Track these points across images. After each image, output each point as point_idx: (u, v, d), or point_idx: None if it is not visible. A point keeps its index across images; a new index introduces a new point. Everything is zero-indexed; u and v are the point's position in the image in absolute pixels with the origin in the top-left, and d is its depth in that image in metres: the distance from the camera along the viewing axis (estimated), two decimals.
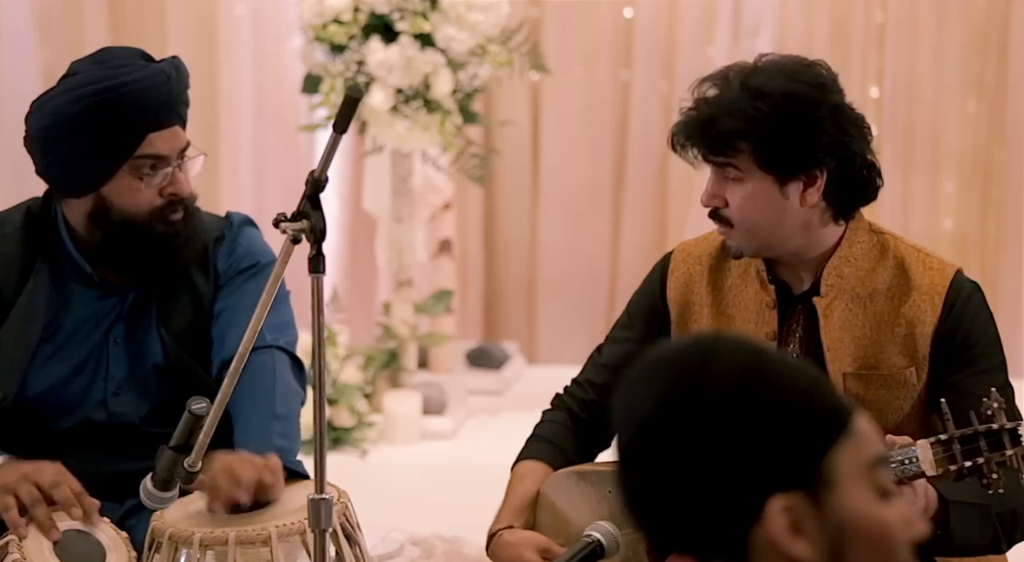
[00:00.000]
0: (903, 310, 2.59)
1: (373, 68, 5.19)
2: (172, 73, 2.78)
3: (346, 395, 5.37)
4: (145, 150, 2.75)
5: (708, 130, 2.52)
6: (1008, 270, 6.24)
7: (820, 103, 2.52)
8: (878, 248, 2.64)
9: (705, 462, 1.42)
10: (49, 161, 2.80)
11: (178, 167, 2.79)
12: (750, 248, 2.60)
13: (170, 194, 2.78)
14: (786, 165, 2.52)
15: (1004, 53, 6.17)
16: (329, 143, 2.29)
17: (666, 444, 1.44)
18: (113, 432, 2.83)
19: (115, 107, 2.72)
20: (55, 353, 2.83)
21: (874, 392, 2.59)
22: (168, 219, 2.79)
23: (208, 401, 2.42)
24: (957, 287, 2.62)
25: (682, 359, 1.48)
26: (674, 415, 1.44)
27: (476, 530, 2.74)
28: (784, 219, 2.56)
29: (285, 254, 2.33)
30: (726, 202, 2.56)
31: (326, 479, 2.30)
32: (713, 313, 2.68)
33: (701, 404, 1.43)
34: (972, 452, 2.34)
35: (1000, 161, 6.23)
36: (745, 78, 2.53)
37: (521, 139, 6.39)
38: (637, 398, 1.47)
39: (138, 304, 2.86)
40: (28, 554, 2.52)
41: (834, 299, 2.60)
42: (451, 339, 5.91)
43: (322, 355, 2.27)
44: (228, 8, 6.19)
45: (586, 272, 6.44)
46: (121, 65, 2.77)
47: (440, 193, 5.79)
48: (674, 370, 1.47)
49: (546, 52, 5.83)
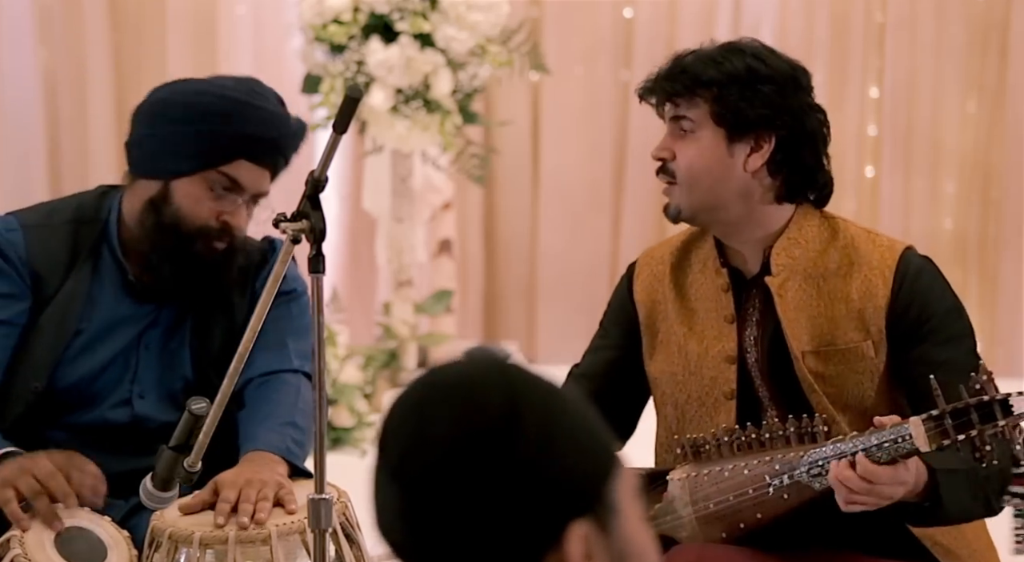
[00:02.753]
0: (854, 285, 2.61)
1: (373, 68, 5.19)
2: (296, 125, 2.84)
3: (346, 395, 5.37)
4: (230, 170, 2.78)
5: (677, 73, 2.62)
6: (1008, 270, 6.25)
7: (786, 74, 2.62)
8: (829, 231, 2.66)
9: (512, 487, 1.43)
10: (146, 133, 2.82)
11: (246, 203, 2.81)
12: (688, 206, 2.65)
13: (224, 221, 2.80)
14: (739, 121, 2.58)
15: (1004, 53, 6.17)
16: (329, 143, 2.29)
17: (470, 470, 1.43)
18: (131, 434, 2.84)
19: (232, 119, 2.77)
20: (86, 348, 2.84)
21: (833, 368, 2.60)
22: (211, 243, 2.80)
23: (208, 401, 2.42)
24: (906, 262, 2.62)
25: (484, 385, 1.47)
26: (480, 442, 1.43)
27: None
28: (725, 179, 2.60)
29: (285, 254, 2.34)
30: (674, 156, 2.63)
31: (326, 479, 2.31)
32: (678, 308, 2.71)
33: (510, 432, 1.44)
34: (964, 425, 2.35)
35: (1000, 161, 6.24)
36: (721, 45, 2.64)
37: (521, 139, 6.39)
38: (433, 422, 1.45)
39: (176, 315, 2.87)
40: (29, 550, 2.53)
41: (787, 279, 2.63)
42: (451, 339, 5.91)
43: (322, 355, 2.27)
44: (228, 8, 6.20)
45: (586, 272, 6.44)
46: (260, 93, 2.82)
47: (440, 193, 5.80)
48: (477, 395, 1.46)
49: (546, 52, 5.83)
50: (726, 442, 2.57)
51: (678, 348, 2.70)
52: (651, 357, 2.73)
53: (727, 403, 2.64)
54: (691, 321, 2.70)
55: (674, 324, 2.71)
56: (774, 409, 2.62)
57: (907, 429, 2.38)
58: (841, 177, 2.54)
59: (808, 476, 2.49)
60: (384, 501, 1.49)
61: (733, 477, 2.55)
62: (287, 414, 2.79)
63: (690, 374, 2.67)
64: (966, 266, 6.33)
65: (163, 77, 3.49)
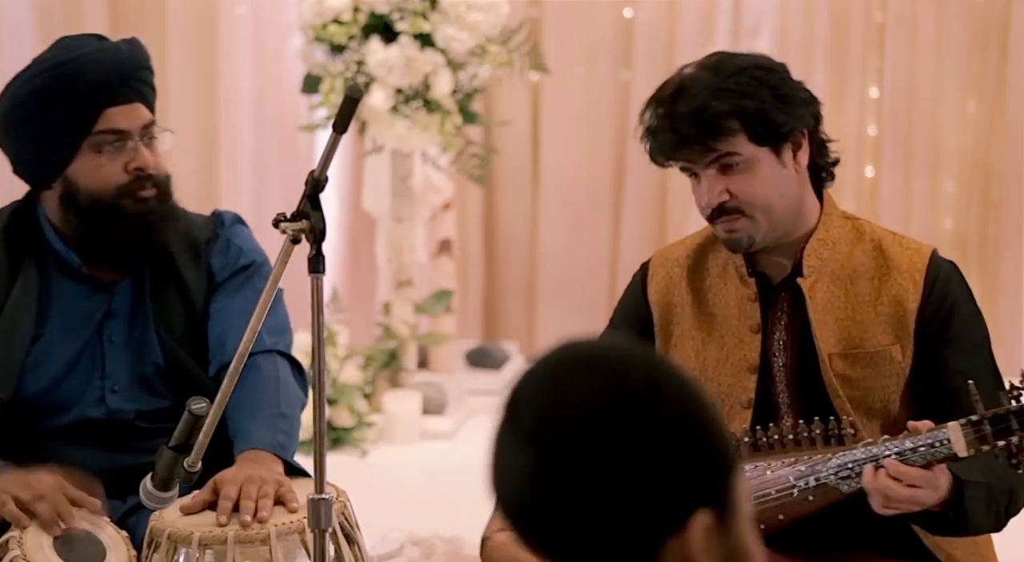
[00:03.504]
0: (885, 289, 2.61)
1: (373, 68, 5.19)
2: (126, 49, 2.79)
3: (346, 395, 5.37)
4: (104, 125, 2.75)
5: (689, 126, 2.53)
6: (1008, 270, 6.24)
7: (775, 67, 2.60)
8: (854, 232, 2.67)
9: (648, 460, 1.43)
10: (18, 148, 2.81)
11: (143, 143, 2.78)
12: (763, 234, 2.59)
13: (135, 169, 2.77)
14: (775, 131, 2.56)
15: (1004, 53, 6.17)
16: (329, 143, 2.29)
17: (610, 437, 1.43)
18: (111, 429, 2.83)
19: (68, 82, 2.74)
20: (48, 351, 2.83)
21: (860, 371, 2.60)
22: (137, 195, 2.79)
23: (208, 401, 2.42)
24: (936, 266, 2.64)
25: (627, 358, 1.48)
26: (623, 410, 1.44)
27: (476, 530, 2.74)
28: (787, 189, 2.59)
29: (285, 254, 2.33)
30: (730, 194, 2.57)
31: (326, 479, 2.30)
32: (695, 312, 2.69)
33: (651, 405, 1.44)
34: (1004, 432, 2.36)
35: (1000, 161, 6.23)
36: (695, 71, 2.57)
37: (521, 139, 6.39)
38: (575, 387, 1.45)
39: (135, 303, 2.86)
40: (28, 552, 2.53)
41: (816, 280, 2.62)
42: (451, 339, 5.91)
43: (322, 355, 2.27)
44: (228, 8, 6.20)
45: (586, 272, 6.44)
46: (72, 45, 2.79)
47: (440, 193, 5.80)
48: (620, 366, 1.47)
49: (546, 52, 5.83)
50: (746, 443, 2.55)
51: (695, 354, 2.68)
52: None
53: (743, 412, 2.63)
54: (709, 327, 2.68)
55: (690, 329, 2.69)
56: (791, 416, 2.60)
57: (946, 433, 2.37)
58: (841, 177, 2.54)
59: (836, 478, 2.47)
60: (512, 466, 1.47)
61: (754, 479, 2.53)
62: (273, 404, 2.78)
63: (706, 379, 2.65)
64: (966, 266, 6.30)
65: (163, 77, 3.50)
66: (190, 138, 6.05)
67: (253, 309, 2.36)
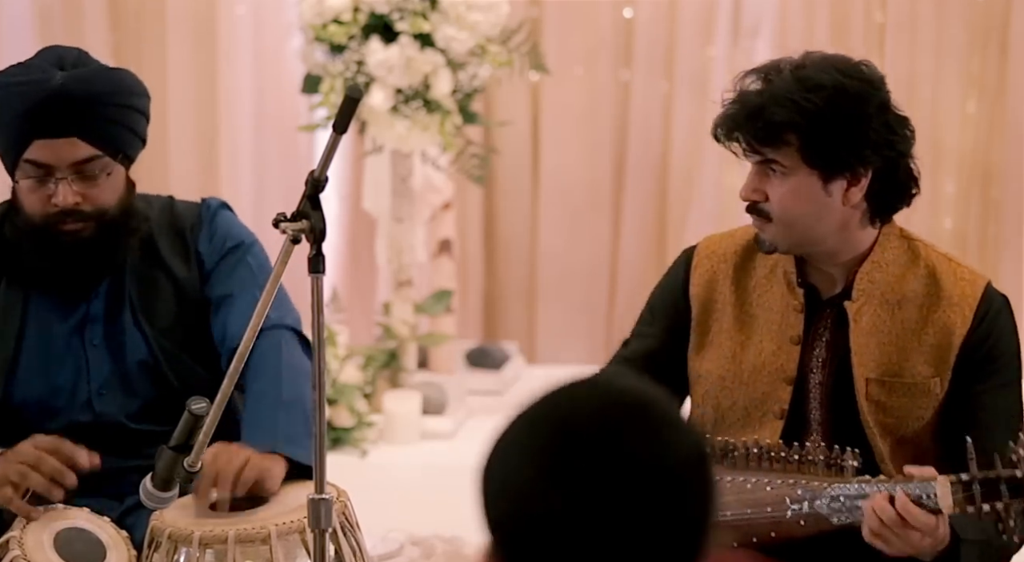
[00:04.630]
0: (933, 319, 2.57)
1: (373, 68, 5.19)
2: (74, 86, 2.71)
3: (346, 395, 5.37)
4: (29, 155, 2.73)
5: (757, 120, 2.48)
6: (1008, 270, 6.24)
7: (870, 99, 2.51)
8: (909, 254, 2.62)
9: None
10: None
11: (72, 179, 2.73)
12: (785, 244, 2.57)
13: (54, 203, 2.73)
14: (832, 161, 2.49)
15: (1004, 53, 6.17)
16: (329, 143, 2.29)
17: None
18: (102, 432, 2.83)
19: (5, 105, 2.73)
20: (32, 363, 2.83)
21: (896, 400, 2.57)
22: (63, 227, 2.75)
23: (208, 401, 2.42)
24: (988, 299, 2.60)
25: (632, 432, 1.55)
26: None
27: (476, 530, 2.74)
28: (824, 217, 2.53)
29: (285, 254, 2.33)
30: (766, 196, 2.54)
31: (326, 479, 2.31)
32: (736, 313, 2.65)
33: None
34: (992, 495, 2.33)
35: (1000, 161, 6.23)
36: (795, 69, 2.50)
37: (521, 139, 6.39)
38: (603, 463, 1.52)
39: (113, 303, 2.85)
40: (28, 551, 2.53)
41: (864, 303, 2.58)
42: (451, 339, 5.91)
43: (322, 355, 2.27)
44: (228, 8, 6.19)
45: (586, 272, 6.44)
46: (28, 65, 2.76)
47: (440, 193, 5.79)
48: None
49: (546, 52, 5.83)
50: (755, 454, 2.52)
51: (732, 355, 2.64)
52: (698, 353, 2.68)
53: (775, 422, 2.60)
54: (749, 330, 2.64)
55: (729, 328, 2.66)
56: (820, 434, 2.57)
57: (933, 487, 2.36)
58: None
59: (828, 509, 2.46)
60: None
61: (754, 492, 2.51)
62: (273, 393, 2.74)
63: (740, 383, 2.63)
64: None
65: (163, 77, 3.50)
66: (190, 138, 6.05)
67: (251, 284, 2.36)
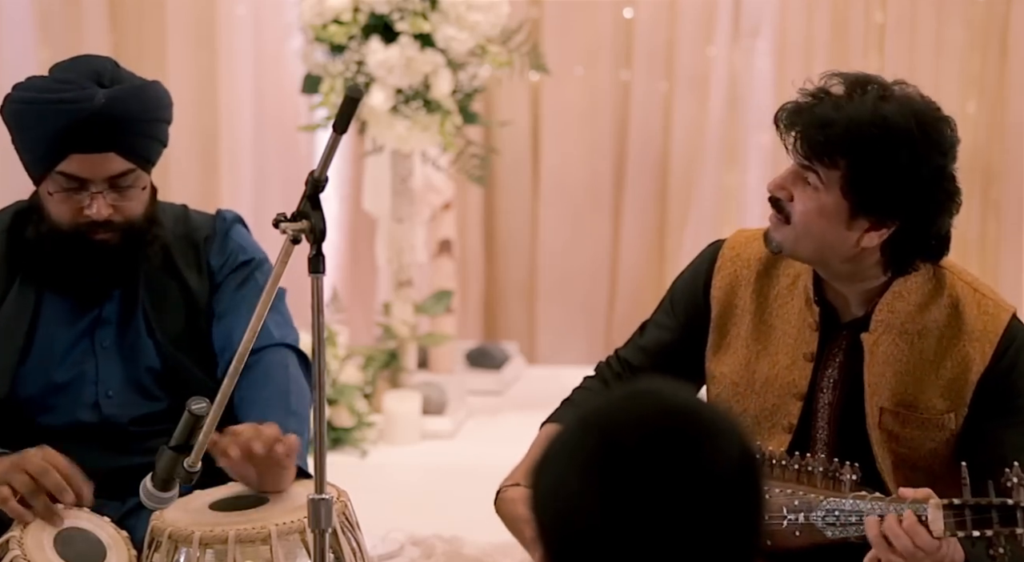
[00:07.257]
0: (952, 352, 2.55)
1: (373, 68, 5.19)
2: (115, 105, 2.73)
3: (346, 395, 5.37)
4: (65, 167, 2.75)
5: (820, 132, 2.46)
6: (1008, 270, 6.24)
7: (930, 160, 2.47)
8: (933, 283, 2.60)
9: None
10: (16, 142, 2.83)
11: (107, 192, 2.75)
12: (791, 250, 2.55)
13: (86, 215, 2.76)
14: (867, 200, 2.46)
15: (1004, 53, 6.17)
16: (329, 143, 2.29)
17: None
18: (105, 433, 2.83)
19: (42, 119, 2.74)
20: (42, 358, 2.83)
21: (909, 431, 2.56)
22: (94, 237, 2.78)
23: (208, 401, 2.42)
24: (1010, 336, 2.56)
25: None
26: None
27: (476, 530, 2.74)
28: (837, 246, 2.51)
29: (285, 254, 2.33)
30: (792, 198, 2.52)
31: (326, 479, 2.31)
32: (755, 321, 2.64)
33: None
34: (983, 522, 2.32)
35: (1000, 161, 6.23)
36: (880, 99, 2.47)
37: (521, 139, 6.39)
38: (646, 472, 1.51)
39: (127, 309, 2.86)
40: (28, 551, 2.53)
41: (882, 334, 2.56)
42: (451, 339, 5.91)
43: (322, 355, 2.27)
44: (228, 9, 6.19)
45: (586, 272, 6.44)
46: (66, 80, 2.78)
47: (440, 193, 5.80)
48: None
49: (546, 52, 5.83)
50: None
51: (746, 363, 2.63)
52: (715, 354, 2.67)
53: (783, 434, 2.59)
54: (766, 340, 2.63)
55: (747, 336, 2.64)
56: (826, 453, 2.56)
57: (925, 510, 2.34)
58: None
59: (822, 522, 2.45)
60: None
61: None
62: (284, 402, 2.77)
63: (752, 393, 2.62)
64: (966, 266, 6.32)
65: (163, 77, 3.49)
66: (190, 138, 6.05)
67: (255, 302, 2.37)
